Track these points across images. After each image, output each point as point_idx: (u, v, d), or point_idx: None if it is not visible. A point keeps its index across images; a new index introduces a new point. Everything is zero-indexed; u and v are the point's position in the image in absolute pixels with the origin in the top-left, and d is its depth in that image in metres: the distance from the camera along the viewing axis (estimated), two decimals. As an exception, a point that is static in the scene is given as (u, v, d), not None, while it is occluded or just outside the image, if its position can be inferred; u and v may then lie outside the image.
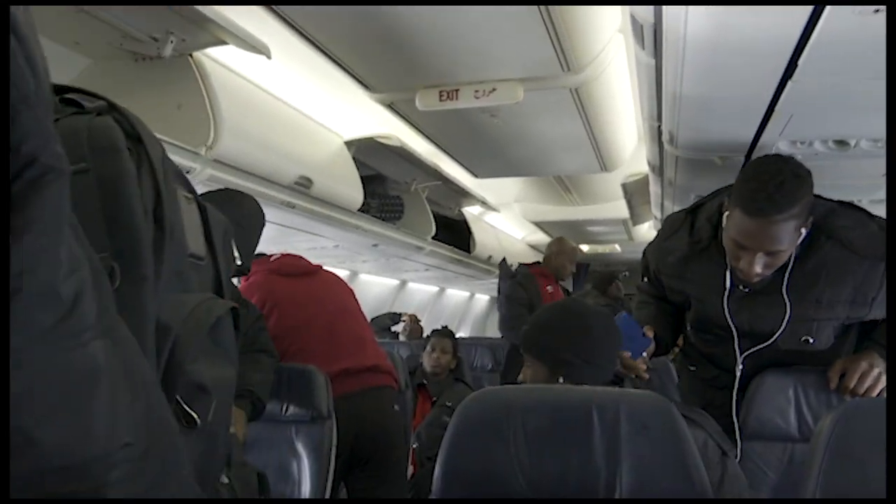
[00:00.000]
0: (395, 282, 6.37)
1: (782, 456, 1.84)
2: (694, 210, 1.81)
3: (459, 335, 5.31)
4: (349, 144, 3.20)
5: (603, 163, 3.61)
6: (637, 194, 4.44)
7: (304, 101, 2.89)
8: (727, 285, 1.69)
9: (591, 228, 6.54)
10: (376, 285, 6.00)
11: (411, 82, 2.51)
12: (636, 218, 5.45)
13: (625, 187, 4.39)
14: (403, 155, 3.43)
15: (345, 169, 3.15)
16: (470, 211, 5.32)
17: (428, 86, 2.51)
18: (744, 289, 1.71)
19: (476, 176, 4.06)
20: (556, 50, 2.18)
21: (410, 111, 2.71)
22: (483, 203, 4.96)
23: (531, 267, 3.94)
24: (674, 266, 1.81)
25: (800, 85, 1.54)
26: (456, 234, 5.07)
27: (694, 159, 2.24)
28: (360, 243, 3.81)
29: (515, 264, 4.13)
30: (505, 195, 5.47)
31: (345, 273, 5.23)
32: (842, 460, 1.18)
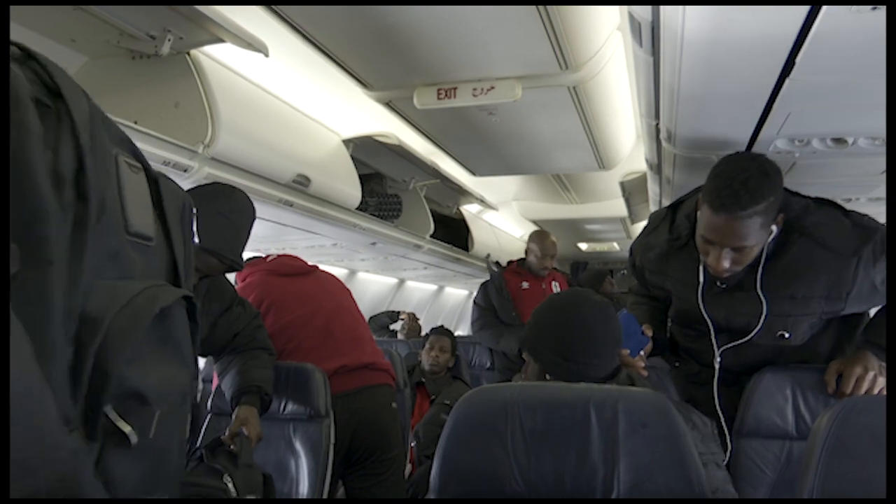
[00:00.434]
0: (394, 280, 6.37)
1: (780, 454, 1.85)
2: (674, 207, 1.84)
3: (458, 333, 5.31)
4: (347, 143, 3.20)
5: (601, 161, 3.61)
6: (635, 192, 4.44)
7: (302, 100, 2.88)
8: (701, 280, 1.71)
9: (590, 227, 6.54)
10: (374, 284, 6.00)
11: (409, 80, 2.50)
12: (634, 216, 5.45)
13: (623, 185, 4.39)
14: (401, 153, 3.43)
15: (343, 167, 3.15)
16: (468, 209, 5.32)
17: (426, 84, 2.51)
18: (720, 285, 1.73)
19: (474, 174, 4.06)
20: (555, 48, 2.18)
21: (408, 109, 2.71)
22: (481, 201, 4.96)
23: (510, 264, 3.92)
24: (654, 261, 1.84)
25: (797, 82, 1.53)
26: (454, 233, 5.07)
27: (692, 157, 2.24)
28: (359, 241, 3.81)
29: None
30: (503, 193, 5.47)
31: (343, 271, 5.22)
32: (840, 457, 1.18)
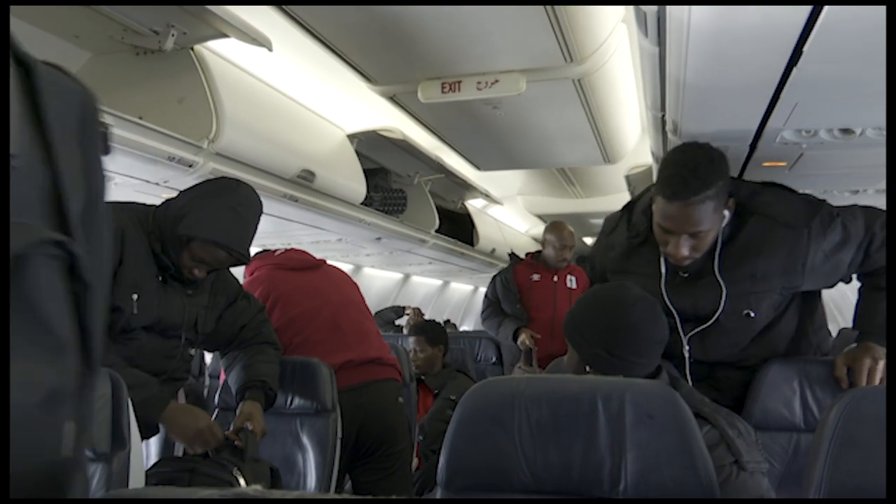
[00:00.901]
0: (399, 275, 6.37)
1: (787, 446, 1.84)
2: (629, 206, 1.89)
3: (463, 328, 5.31)
4: (352, 138, 3.20)
5: (606, 155, 3.60)
6: (640, 186, 4.42)
7: (306, 95, 2.88)
8: (663, 270, 1.76)
9: (595, 221, 6.52)
10: (380, 279, 6.01)
11: (413, 74, 2.50)
12: (640, 210, 5.43)
13: (628, 179, 4.37)
14: (406, 148, 3.43)
15: (347, 162, 3.15)
16: (473, 204, 5.31)
17: (430, 78, 2.50)
18: (683, 274, 1.77)
19: (479, 168, 4.05)
20: (559, 40, 2.17)
21: (413, 103, 2.71)
22: (486, 196, 4.95)
23: (526, 257, 3.90)
24: (616, 260, 1.88)
25: (805, 72, 1.52)
26: (459, 228, 5.07)
27: (698, 149, 2.23)
28: (364, 237, 3.81)
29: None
30: (508, 188, 5.46)
31: (348, 267, 5.23)
32: (848, 449, 1.17)
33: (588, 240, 7.51)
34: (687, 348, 1.85)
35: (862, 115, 1.86)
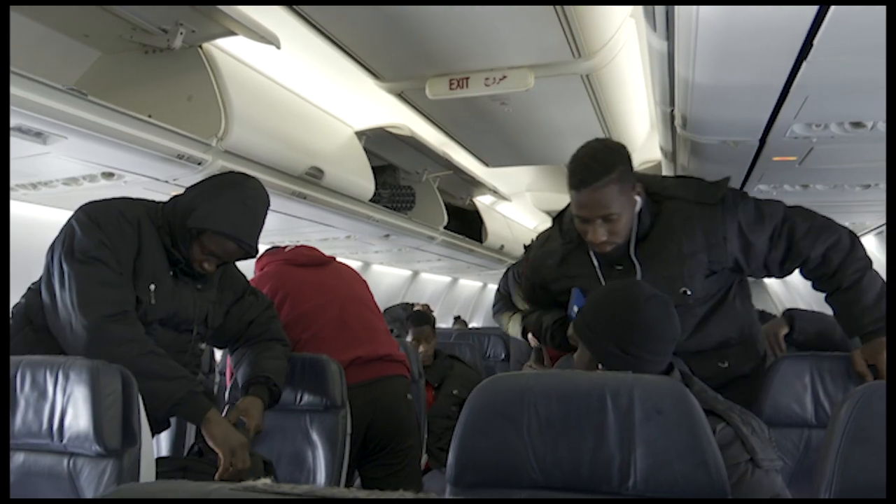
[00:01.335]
0: (408, 272, 6.38)
1: (799, 442, 1.83)
2: (558, 216, 2.00)
3: (472, 325, 5.30)
4: (360, 135, 3.20)
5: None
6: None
7: (314, 92, 2.88)
8: (597, 266, 1.84)
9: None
10: (388, 276, 6.01)
11: (421, 71, 2.50)
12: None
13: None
14: (414, 145, 3.43)
15: (356, 159, 3.15)
16: (481, 200, 5.30)
17: (438, 74, 2.50)
18: (617, 268, 1.83)
19: (487, 165, 4.04)
20: (567, 36, 2.16)
21: (421, 100, 2.71)
22: (494, 192, 4.94)
23: None
24: (554, 267, 1.95)
25: (815, 66, 1.51)
26: (468, 224, 5.06)
27: (707, 144, 2.22)
28: (372, 234, 3.81)
29: None
30: (516, 184, 5.44)
31: (357, 264, 5.24)
32: (860, 444, 1.16)
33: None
34: None
35: (873, 109, 1.85)
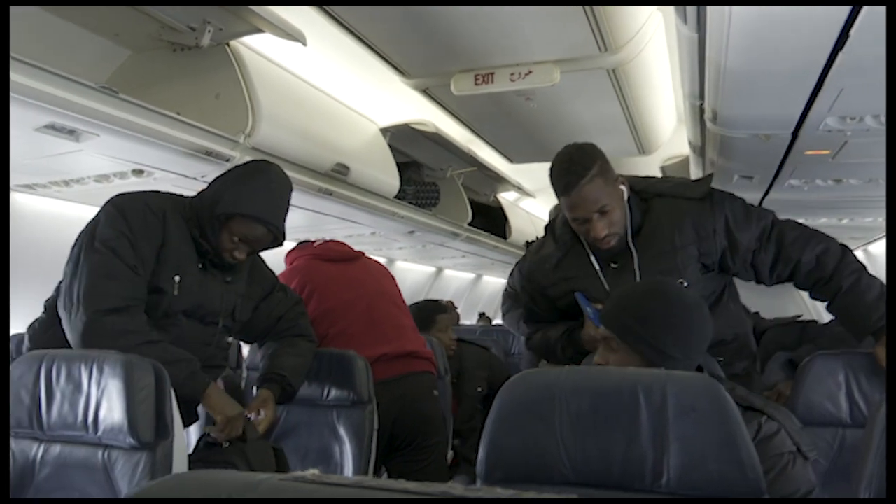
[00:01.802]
0: (432, 269, 6.38)
1: (833, 441, 1.80)
2: (550, 224, 2.06)
3: (496, 322, 5.28)
4: (384, 131, 3.21)
5: (641, 145, 3.55)
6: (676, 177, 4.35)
7: (340, 89, 2.89)
8: (597, 266, 1.88)
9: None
10: (413, 272, 6.02)
11: (446, 67, 2.49)
12: (675, 202, 5.35)
13: (663, 170, 4.31)
14: (439, 141, 3.43)
15: (381, 156, 3.15)
16: (505, 197, 5.29)
17: (463, 70, 2.50)
18: (613, 265, 1.87)
19: (511, 161, 4.03)
20: (593, 30, 2.14)
21: (446, 96, 2.70)
22: (519, 188, 4.92)
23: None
24: (551, 272, 1.97)
25: (851, 57, 1.48)
26: (492, 221, 5.05)
27: (738, 138, 2.18)
28: (396, 230, 3.82)
29: None
30: (541, 180, 5.38)
31: (381, 260, 5.24)
32: (899, 443, 1.14)
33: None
34: None
35: (911, 101, 1.80)
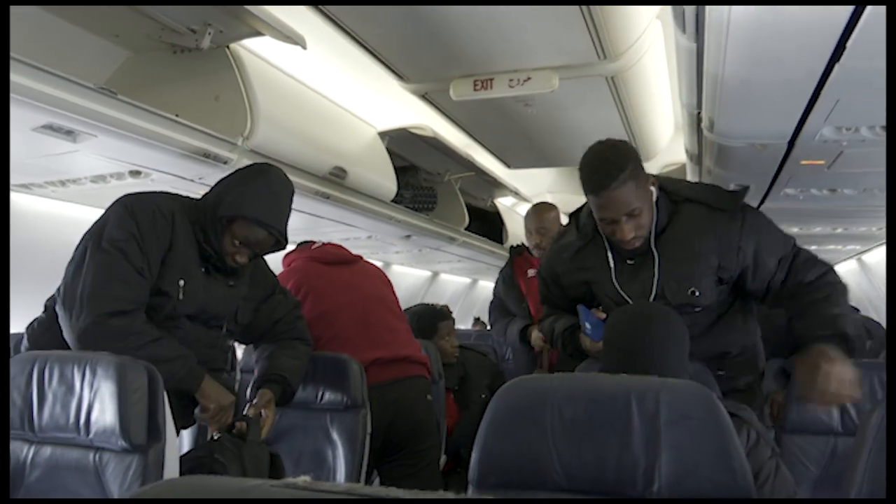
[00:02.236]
0: (428, 273, 6.38)
1: (824, 449, 1.81)
2: (575, 213, 2.04)
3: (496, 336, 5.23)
4: (383, 135, 3.21)
5: (638, 153, 3.55)
6: (673, 185, 4.36)
7: (339, 92, 2.90)
8: (611, 263, 1.88)
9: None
10: (409, 276, 6.02)
11: (445, 72, 2.50)
12: (672, 209, 5.36)
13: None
14: (437, 146, 3.43)
15: (379, 159, 3.16)
16: (502, 202, 5.29)
17: (462, 75, 2.50)
18: (629, 262, 1.86)
19: (509, 166, 4.03)
20: (593, 37, 2.15)
21: (444, 101, 2.71)
22: (516, 194, 4.93)
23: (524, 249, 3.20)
24: (568, 261, 1.98)
25: (847, 68, 1.49)
26: (488, 226, 5.06)
27: (734, 147, 2.19)
28: (393, 234, 3.82)
29: None
30: (538, 186, 5.43)
31: (377, 264, 5.24)
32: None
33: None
34: None
35: (906, 112, 1.81)
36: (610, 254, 1.88)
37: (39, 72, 1.51)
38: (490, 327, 3.25)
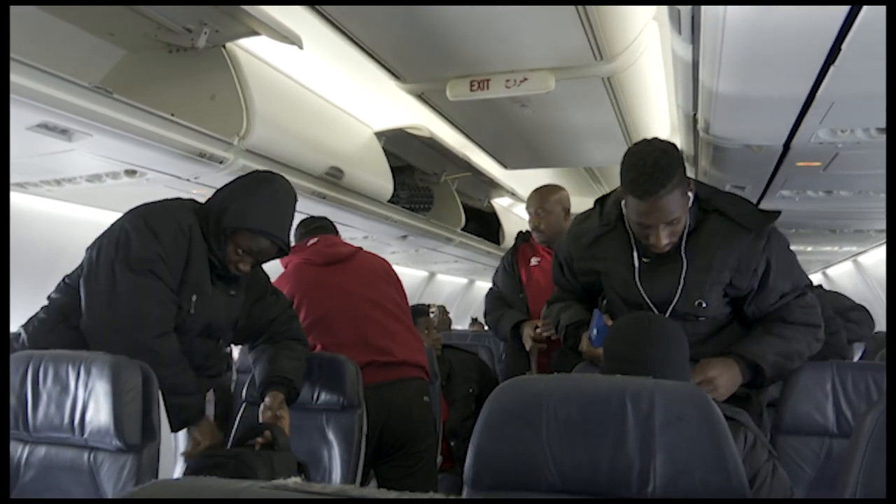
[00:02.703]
0: (424, 273, 6.38)
1: (819, 451, 1.81)
2: (602, 198, 1.96)
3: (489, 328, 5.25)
4: (379, 135, 3.21)
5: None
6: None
7: (335, 92, 2.89)
8: (636, 263, 1.81)
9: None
10: (405, 276, 5.99)
11: (442, 72, 2.50)
12: (668, 210, 5.37)
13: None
14: (433, 146, 3.43)
15: (375, 160, 3.16)
16: (499, 202, 5.30)
17: (459, 75, 2.50)
18: (645, 260, 1.82)
19: (505, 167, 4.04)
20: (589, 38, 2.15)
21: (441, 101, 2.71)
22: (512, 194, 4.93)
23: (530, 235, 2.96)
24: (585, 248, 1.92)
25: (842, 71, 1.49)
26: (485, 226, 5.06)
27: (730, 148, 2.20)
28: (390, 234, 3.82)
29: None
30: (534, 186, 5.42)
31: (374, 264, 5.25)
32: (884, 455, 1.14)
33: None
34: None
35: (901, 114, 1.82)
36: (636, 253, 1.82)
37: (35, 70, 1.51)
38: (484, 315, 3.07)
